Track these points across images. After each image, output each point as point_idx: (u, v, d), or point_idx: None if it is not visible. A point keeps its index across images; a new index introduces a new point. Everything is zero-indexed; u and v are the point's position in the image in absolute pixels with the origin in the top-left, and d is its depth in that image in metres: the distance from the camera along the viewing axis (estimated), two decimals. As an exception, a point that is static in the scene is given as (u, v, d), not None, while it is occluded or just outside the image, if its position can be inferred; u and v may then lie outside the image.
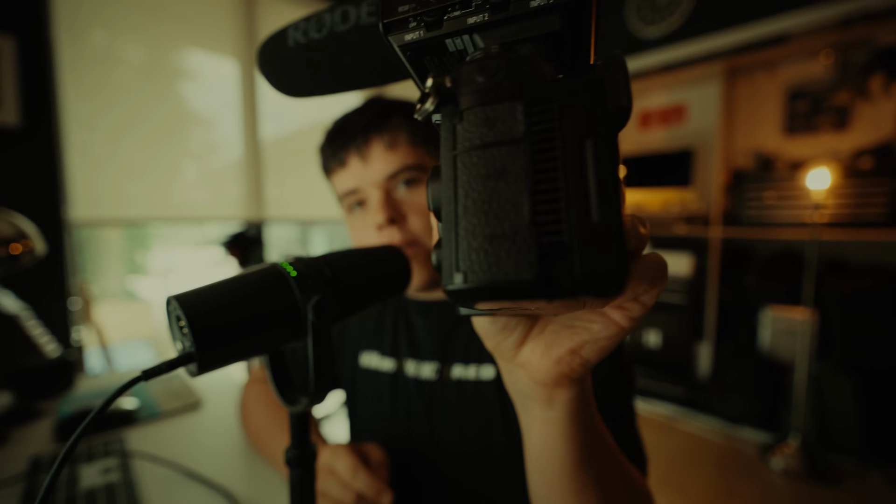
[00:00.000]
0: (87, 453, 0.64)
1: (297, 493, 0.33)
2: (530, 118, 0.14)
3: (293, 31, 0.27)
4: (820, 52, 2.14)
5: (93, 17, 1.61)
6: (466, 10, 0.17)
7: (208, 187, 1.96)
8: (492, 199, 0.14)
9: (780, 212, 2.18)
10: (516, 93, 0.15)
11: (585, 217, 0.13)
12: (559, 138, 0.14)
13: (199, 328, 0.25)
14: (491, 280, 0.14)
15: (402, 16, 0.18)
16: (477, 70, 0.15)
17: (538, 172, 0.14)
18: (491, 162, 0.14)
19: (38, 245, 0.81)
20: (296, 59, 0.27)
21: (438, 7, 0.17)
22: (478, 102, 0.15)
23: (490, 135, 0.15)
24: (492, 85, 0.15)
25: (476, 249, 0.14)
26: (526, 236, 0.14)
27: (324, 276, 0.32)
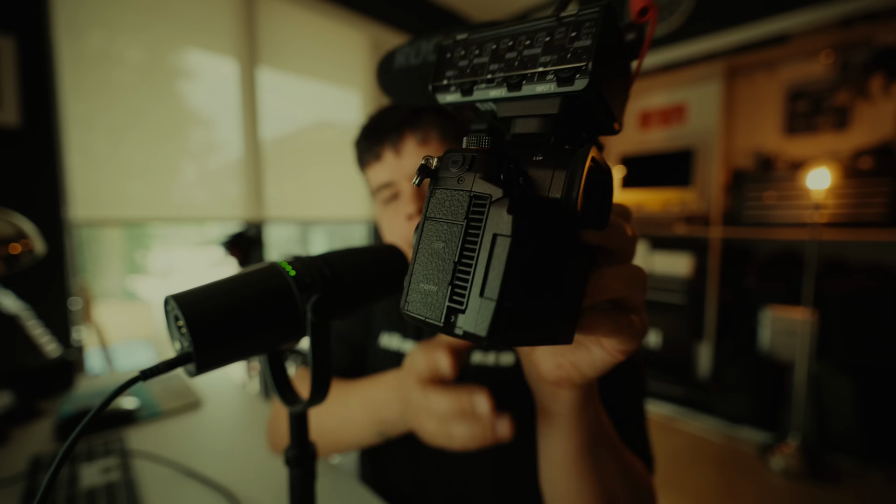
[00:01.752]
0: (88, 453, 0.64)
1: (297, 493, 0.33)
2: (470, 210, 0.19)
3: (400, 55, 0.33)
4: (820, 52, 2.14)
5: (93, 16, 1.61)
6: (490, 85, 0.22)
7: (208, 187, 1.96)
8: (434, 259, 0.19)
9: (780, 212, 2.18)
10: (468, 187, 0.19)
11: (479, 291, 0.18)
12: (482, 230, 0.18)
13: (197, 328, 0.25)
14: (419, 314, 0.20)
15: (445, 81, 0.23)
16: (451, 161, 0.20)
17: (464, 250, 0.19)
18: (440, 233, 0.19)
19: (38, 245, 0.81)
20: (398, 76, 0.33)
21: (471, 80, 0.22)
22: (442, 186, 0.20)
23: (444, 213, 0.20)
24: (457, 176, 0.20)
25: (418, 291, 0.20)
26: (443, 293, 0.19)
27: (323, 276, 0.32)
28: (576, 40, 0.19)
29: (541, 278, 0.19)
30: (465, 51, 0.22)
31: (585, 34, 0.19)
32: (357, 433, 0.48)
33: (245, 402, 0.88)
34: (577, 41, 0.19)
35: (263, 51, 2.09)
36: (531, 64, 0.20)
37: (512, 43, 0.21)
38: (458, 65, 0.23)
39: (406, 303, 0.20)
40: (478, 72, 0.22)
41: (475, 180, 0.19)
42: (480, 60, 0.22)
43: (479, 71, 0.22)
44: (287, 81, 2.19)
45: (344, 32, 2.39)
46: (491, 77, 0.21)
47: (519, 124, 0.22)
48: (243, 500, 0.55)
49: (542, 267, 0.19)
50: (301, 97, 2.25)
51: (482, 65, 0.22)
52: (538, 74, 0.20)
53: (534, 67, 0.20)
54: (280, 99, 2.15)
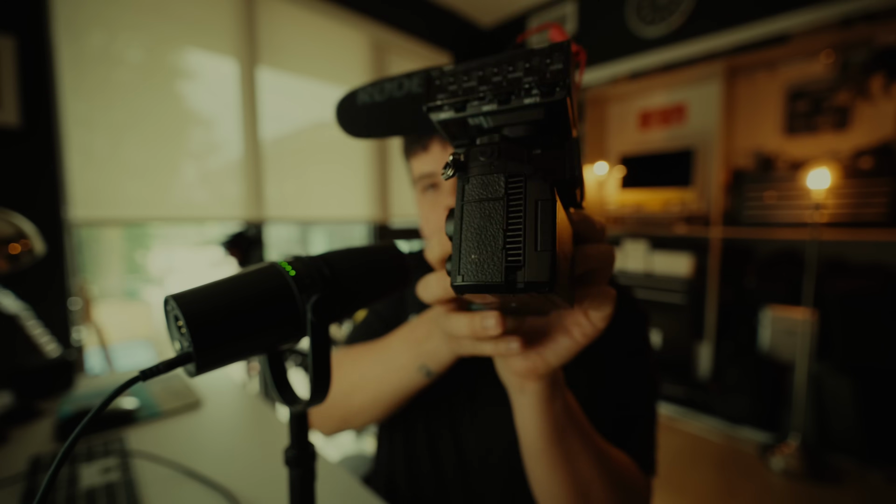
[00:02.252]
0: (87, 453, 0.64)
1: (297, 494, 0.33)
2: (508, 186, 0.23)
3: (362, 94, 0.37)
4: (820, 52, 2.14)
5: (92, 16, 1.61)
6: (482, 101, 0.26)
7: (208, 187, 1.96)
8: (482, 233, 0.23)
9: (780, 212, 2.18)
10: (501, 169, 0.23)
11: (533, 247, 0.22)
12: (523, 199, 0.23)
13: (197, 328, 0.25)
14: (477, 280, 0.22)
15: (439, 101, 0.27)
16: (479, 152, 0.24)
17: (510, 219, 0.23)
18: (483, 210, 0.23)
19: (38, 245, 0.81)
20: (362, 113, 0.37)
21: (464, 99, 0.27)
22: (479, 173, 0.24)
23: (484, 193, 0.23)
24: (487, 163, 0.24)
25: (470, 262, 0.23)
26: (500, 256, 0.22)
27: (323, 276, 0.32)
28: (550, 65, 0.25)
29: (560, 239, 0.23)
30: (453, 78, 0.27)
31: (556, 59, 0.24)
32: (402, 375, 0.49)
33: (245, 402, 0.88)
34: (552, 65, 0.24)
35: (263, 51, 2.09)
36: (517, 84, 0.25)
37: (496, 69, 0.26)
38: (448, 89, 0.27)
39: (458, 276, 0.23)
40: (469, 93, 0.26)
41: (506, 163, 0.23)
42: (470, 84, 0.26)
43: (470, 92, 0.26)
44: (287, 81, 2.19)
45: (344, 32, 2.39)
46: (483, 95, 0.26)
47: (509, 130, 0.27)
48: (243, 501, 0.55)
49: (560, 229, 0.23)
50: (301, 97, 2.25)
51: (472, 87, 0.26)
52: (524, 90, 0.25)
53: (520, 86, 0.25)
54: (280, 99, 2.15)
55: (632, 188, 2.79)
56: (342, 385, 0.57)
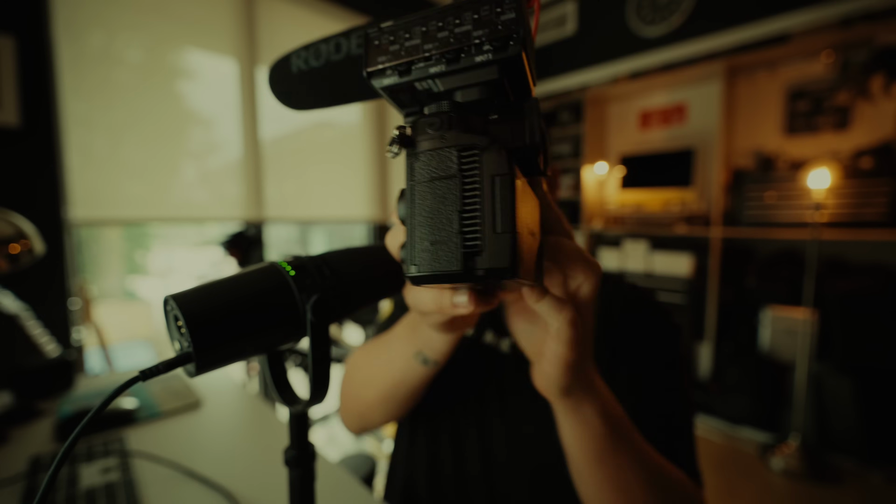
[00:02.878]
0: (87, 453, 0.64)
1: (297, 494, 0.33)
2: (461, 161, 0.21)
3: (295, 59, 0.33)
4: (820, 51, 2.14)
5: (92, 16, 1.61)
6: (428, 62, 0.23)
7: (208, 187, 1.96)
8: (435, 216, 0.21)
9: (780, 212, 2.18)
10: (452, 142, 0.21)
11: (492, 229, 0.20)
12: (479, 176, 0.20)
13: (196, 328, 0.25)
14: (433, 270, 0.20)
15: (381, 66, 0.24)
16: (428, 124, 0.22)
17: (465, 199, 0.20)
18: (436, 191, 0.21)
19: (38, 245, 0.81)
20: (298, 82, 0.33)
21: (407, 60, 0.23)
22: (428, 148, 0.21)
23: (436, 171, 0.21)
24: (437, 136, 0.21)
25: (424, 250, 0.21)
26: (455, 241, 0.20)
27: (322, 276, 0.32)
28: (501, 15, 0.21)
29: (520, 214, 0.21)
30: (394, 36, 0.24)
31: (508, 9, 0.21)
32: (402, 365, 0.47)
33: (245, 402, 0.88)
34: (503, 15, 0.21)
35: (263, 51, 2.09)
36: (465, 39, 0.22)
37: (441, 23, 0.23)
38: (390, 49, 0.24)
39: (413, 266, 0.21)
40: (413, 52, 0.23)
41: (457, 135, 0.21)
42: (412, 43, 0.23)
43: (413, 52, 0.23)
44: (287, 81, 2.19)
45: (344, 32, 2.39)
46: (428, 55, 0.23)
47: (461, 94, 0.24)
48: (243, 501, 0.55)
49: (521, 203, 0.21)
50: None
51: (415, 46, 0.23)
52: (474, 46, 0.22)
53: (469, 41, 0.22)
54: (280, 99, 2.15)
55: (632, 188, 2.79)
56: (357, 380, 0.55)
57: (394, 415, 0.54)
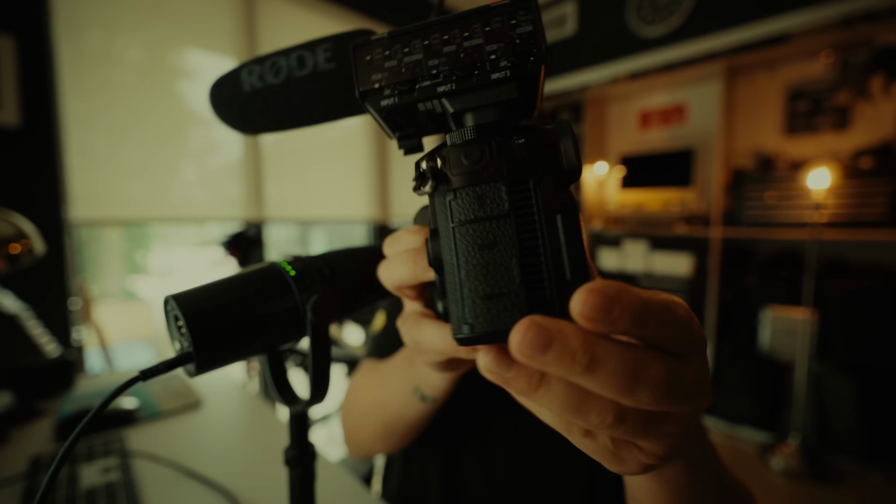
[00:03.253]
0: (87, 453, 0.64)
1: (297, 494, 0.33)
2: (512, 196, 0.18)
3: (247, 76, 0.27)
4: (820, 51, 2.14)
5: (92, 16, 1.61)
6: (435, 80, 0.20)
7: (208, 187, 1.96)
8: (488, 265, 0.17)
9: (780, 212, 2.18)
10: (499, 175, 0.18)
11: (562, 276, 0.17)
12: (537, 213, 0.17)
13: (196, 328, 0.25)
14: (493, 330, 0.17)
15: (377, 85, 0.21)
16: (463, 154, 0.19)
17: (523, 241, 0.17)
18: (484, 234, 0.18)
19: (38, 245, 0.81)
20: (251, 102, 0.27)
21: (410, 78, 0.20)
22: (468, 183, 0.18)
23: (481, 210, 0.18)
24: (478, 168, 0.18)
25: (480, 306, 0.17)
26: (518, 294, 0.17)
27: (323, 276, 0.32)
28: (517, 27, 0.19)
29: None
30: (388, 51, 0.21)
31: (524, 21, 0.19)
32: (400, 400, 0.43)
33: (245, 402, 0.88)
34: (519, 28, 0.19)
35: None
36: (478, 54, 0.20)
37: (446, 36, 0.20)
38: (386, 66, 0.21)
39: (465, 326, 0.18)
40: (416, 69, 0.20)
41: (504, 166, 0.18)
42: (413, 58, 0.20)
43: (417, 68, 0.20)
44: (287, 81, 2.19)
45: (344, 32, 2.39)
46: (436, 72, 0.20)
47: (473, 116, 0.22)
48: (243, 501, 0.55)
49: None
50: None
51: (417, 62, 0.20)
52: (489, 62, 0.20)
53: (483, 56, 0.20)
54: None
55: (632, 188, 2.79)
56: (356, 412, 0.52)
57: (396, 447, 0.52)
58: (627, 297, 0.15)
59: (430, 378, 0.37)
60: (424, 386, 0.39)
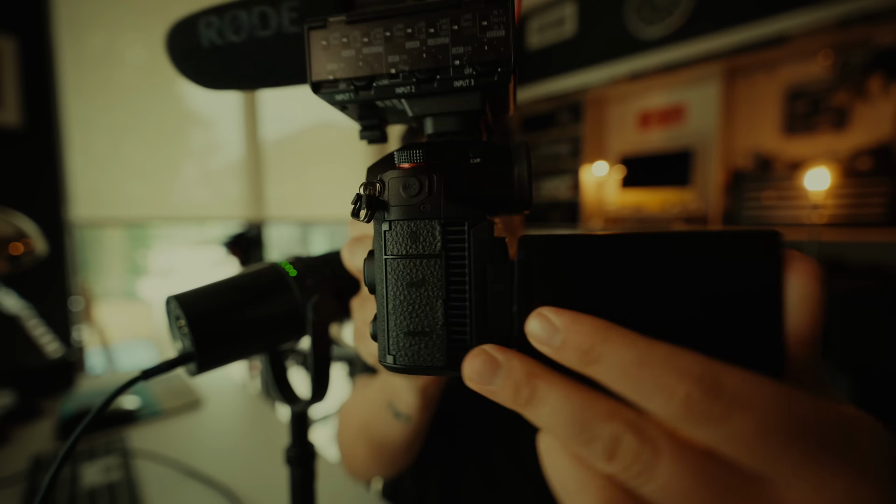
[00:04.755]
0: (89, 452, 0.65)
1: (298, 493, 0.34)
2: (446, 237, 0.17)
3: (206, 30, 0.25)
4: (819, 52, 2.14)
5: (93, 17, 1.61)
6: (395, 80, 0.19)
7: (209, 187, 1.96)
8: (414, 302, 0.17)
9: (779, 212, 2.18)
10: (436, 213, 0.17)
11: (483, 324, 0.17)
12: (468, 258, 0.17)
13: (198, 327, 0.26)
14: (413, 364, 0.18)
15: (331, 76, 0.19)
16: (402, 186, 0.17)
17: (450, 284, 0.17)
18: (414, 271, 0.17)
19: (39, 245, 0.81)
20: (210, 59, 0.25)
21: (367, 75, 0.19)
22: (404, 216, 0.17)
23: (413, 247, 0.17)
24: (415, 202, 0.17)
25: (402, 340, 0.18)
26: (439, 334, 0.17)
27: (323, 276, 0.32)
28: (488, 30, 0.18)
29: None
30: (347, 38, 0.19)
31: (497, 23, 0.17)
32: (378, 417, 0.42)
33: (245, 401, 0.88)
34: (490, 31, 0.18)
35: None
36: (442, 56, 0.18)
37: (410, 29, 0.18)
38: (342, 55, 0.19)
39: (389, 356, 0.18)
40: (374, 64, 0.19)
41: (441, 203, 0.17)
42: (373, 50, 0.19)
43: (375, 63, 0.19)
44: (287, 82, 2.19)
45: (344, 33, 2.40)
46: (395, 71, 0.19)
47: (433, 123, 0.21)
48: (244, 500, 0.55)
49: None
50: (302, 97, 2.25)
51: (377, 55, 0.19)
52: (454, 69, 0.18)
53: (447, 60, 0.18)
54: (280, 99, 2.15)
55: (631, 188, 2.79)
56: (348, 434, 0.51)
57: (389, 470, 0.51)
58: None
59: (402, 392, 0.37)
60: (397, 401, 0.38)
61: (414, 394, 0.37)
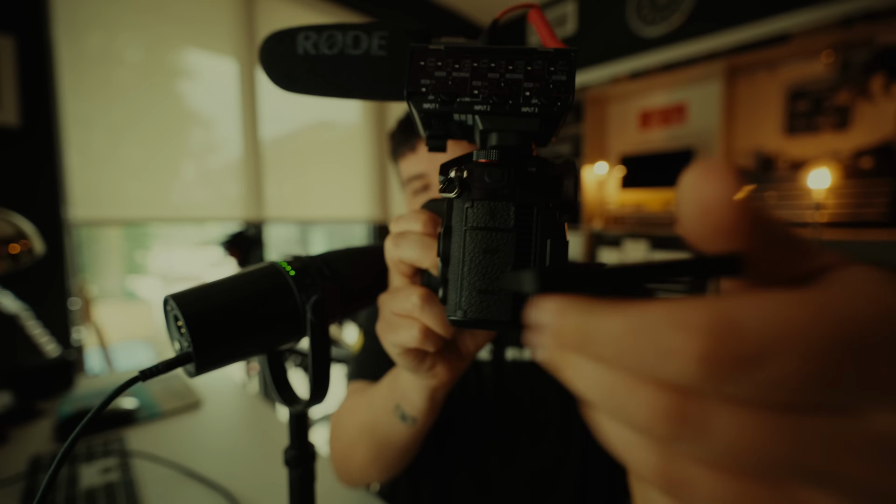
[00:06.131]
0: (87, 453, 0.64)
1: (297, 494, 0.33)
2: (518, 216, 0.22)
3: (304, 41, 0.29)
4: (820, 51, 2.14)
5: (92, 16, 1.61)
6: (475, 99, 0.23)
7: (208, 187, 1.96)
8: (488, 266, 0.21)
9: (780, 211, 2.18)
10: (511, 197, 0.22)
11: None
12: (534, 234, 0.22)
13: (196, 328, 0.25)
14: (481, 318, 0.21)
15: (423, 89, 0.24)
16: (486, 173, 0.22)
17: (518, 253, 0.21)
18: (489, 241, 0.21)
19: (38, 245, 0.81)
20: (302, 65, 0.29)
21: (453, 93, 0.23)
22: (485, 197, 0.22)
23: (491, 222, 0.22)
24: (495, 187, 0.22)
25: (475, 297, 0.21)
26: (506, 294, 0.21)
27: (322, 276, 0.32)
28: (554, 74, 0.23)
29: None
30: (441, 62, 0.24)
31: (561, 70, 0.23)
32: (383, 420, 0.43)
33: (245, 402, 0.88)
34: (556, 75, 0.23)
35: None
36: (516, 86, 0.23)
37: (493, 64, 0.23)
38: (435, 75, 0.24)
39: (459, 311, 0.22)
40: (460, 85, 0.23)
41: (516, 191, 0.22)
42: (461, 75, 0.23)
43: (461, 85, 0.23)
44: (287, 81, 2.19)
45: (344, 32, 2.39)
46: (477, 93, 0.23)
47: (497, 136, 0.24)
48: (243, 501, 0.55)
49: None
50: (301, 97, 2.25)
51: (463, 79, 0.23)
52: (524, 98, 0.23)
53: (519, 91, 0.23)
54: (280, 99, 2.15)
55: (632, 188, 2.79)
56: (344, 439, 0.51)
57: (387, 473, 0.51)
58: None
59: (410, 394, 0.37)
60: (405, 403, 0.39)
61: (423, 396, 0.36)
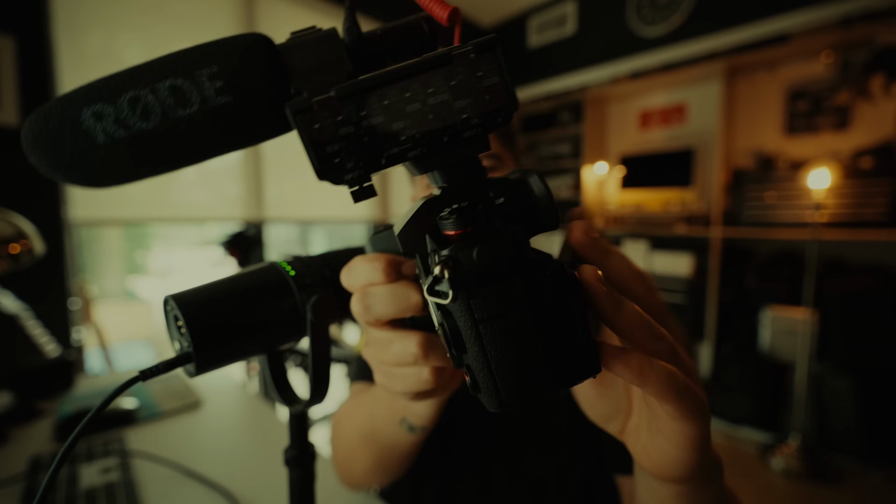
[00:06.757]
0: (87, 453, 0.64)
1: (297, 494, 0.33)
2: (528, 290, 0.18)
3: (95, 122, 0.19)
4: (820, 51, 2.14)
5: (92, 16, 1.61)
6: (404, 147, 0.18)
7: (208, 187, 1.96)
8: (512, 351, 0.18)
9: (780, 212, 2.18)
10: (512, 270, 0.18)
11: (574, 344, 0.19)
12: (550, 300, 0.19)
13: (196, 328, 0.25)
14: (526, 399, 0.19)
15: (337, 159, 0.18)
16: (477, 258, 0.18)
17: (541, 325, 0.18)
18: (506, 326, 0.18)
19: (38, 245, 0.81)
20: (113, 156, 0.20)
21: (377, 151, 0.18)
22: (486, 284, 0.18)
23: (498, 308, 0.18)
24: (491, 269, 0.18)
25: (512, 385, 0.18)
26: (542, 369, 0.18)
27: (323, 276, 0.32)
28: (483, 79, 0.18)
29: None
30: (341, 115, 0.18)
31: (490, 71, 0.18)
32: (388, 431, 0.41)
33: (245, 402, 0.88)
34: (486, 79, 0.18)
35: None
36: (448, 113, 0.18)
37: (408, 94, 0.18)
38: (340, 133, 0.18)
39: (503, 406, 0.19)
40: (379, 137, 0.18)
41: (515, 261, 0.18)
42: (374, 121, 0.18)
43: (380, 136, 0.18)
44: (287, 81, 2.19)
45: (344, 32, 2.39)
46: (405, 138, 0.18)
47: (447, 174, 0.21)
48: (243, 501, 0.55)
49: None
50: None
51: (379, 127, 0.18)
52: (461, 122, 0.18)
53: (453, 116, 0.18)
54: (280, 99, 2.15)
55: (632, 188, 2.79)
56: (345, 446, 0.50)
57: (390, 478, 0.51)
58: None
59: (415, 407, 0.36)
60: (411, 416, 0.38)
61: (431, 407, 0.36)
